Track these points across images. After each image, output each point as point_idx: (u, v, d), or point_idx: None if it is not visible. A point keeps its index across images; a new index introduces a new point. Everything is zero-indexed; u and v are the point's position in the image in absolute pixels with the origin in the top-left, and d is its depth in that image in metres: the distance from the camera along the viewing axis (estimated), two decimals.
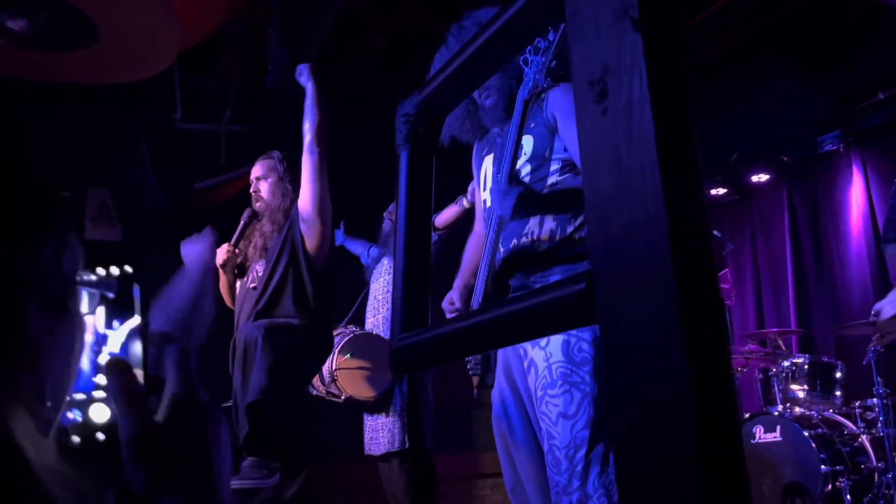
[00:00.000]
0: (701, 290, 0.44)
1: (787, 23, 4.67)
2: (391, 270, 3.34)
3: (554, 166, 1.84)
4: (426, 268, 0.72)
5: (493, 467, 5.70)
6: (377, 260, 3.51)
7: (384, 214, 3.61)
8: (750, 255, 5.97)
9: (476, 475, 5.81)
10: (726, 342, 0.44)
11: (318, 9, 3.94)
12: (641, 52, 0.47)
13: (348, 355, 3.12)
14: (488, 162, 2.01)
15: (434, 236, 3.20)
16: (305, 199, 2.51)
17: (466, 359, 2.05)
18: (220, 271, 2.68)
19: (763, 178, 5.79)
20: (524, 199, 1.76)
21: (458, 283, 2.05)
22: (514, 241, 1.83)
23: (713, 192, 6.05)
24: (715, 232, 4.77)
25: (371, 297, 3.45)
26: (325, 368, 3.09)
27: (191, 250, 2.07)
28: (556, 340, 1.66)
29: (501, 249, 1.85)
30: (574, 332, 1.66)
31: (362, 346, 3.18)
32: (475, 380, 1.91)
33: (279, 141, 2.96)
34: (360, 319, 3.56)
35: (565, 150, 1.85)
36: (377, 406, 3.18)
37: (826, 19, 4.57)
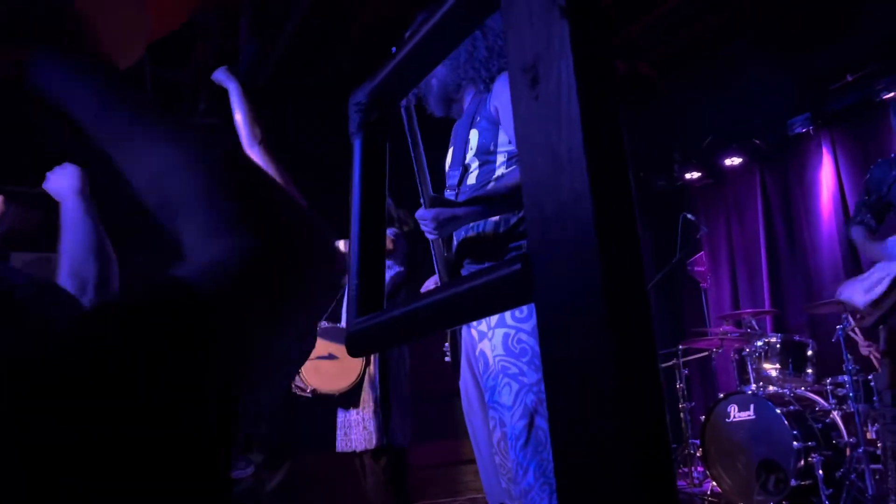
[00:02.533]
0: (626, 264, 0.46)
1: (757, 7, 4.72)
2: None
3: (500, 159, 1.86)
4: (380, 254, 0.74)
5: (474, 454, 5.75)
6: None
7: None
8: (724, 238, 6.05)
9: (459, 462, 5.87)
10: (648, 313, 0.46)
11: None
12: (568, 39, 0.48)
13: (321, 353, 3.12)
14: (449, 155, 2.05)
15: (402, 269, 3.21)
16: None
17: (444, 348, 2.08)
18: None
19: (736, 161, 5.86)
20: (452, 207, 1.78)
21: (435, 276, 2.08)
22: (463, 233, 1.86)
23: (687, 176, 6.12)
24: (689, 215, 4.84)
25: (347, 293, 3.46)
26: None
27: (57, 183, 1.64)
28: (499, 334, 1.69)
29: (455, 240, 1.88)
30: (514, 324, 1.69)
31: (330, 337, 3.18)
32: (451, 366, 1.95)
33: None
34: (336, 317, 3.57)
35: (510, 142, 1.87)
36: (347, 400, 3.18)
37: (796, 3, 4.62)
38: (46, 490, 0.37)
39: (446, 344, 2.03)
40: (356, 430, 3.12)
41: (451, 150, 2.05)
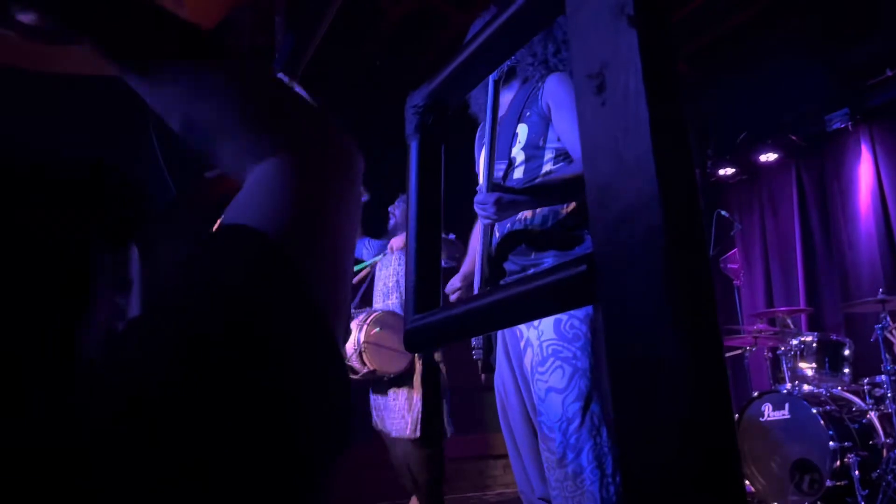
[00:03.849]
0: (693, 268, 0.47)
1: (794, 1, 4.65)
2: (400, 260, 3.37)
3: (548, 155, 1.87)
4: (437, 253, 0.76)
5: (504, 448, 5.76)
6: (381, 250, 3.55)
7: (389, 209, 3.63)
8: (759, 235, 5.97)
9: (488, 456, 5.89)
10: (714, 315, 0.47)
11: None
12: (637, 47, 0.50)
13: (377, 329, 3.16)
14: (485, 150, 2.05)
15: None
16: None
17: (473, 342, 2.09)
18: None
19: (771, 157, 5.78)
20: (512, 194, 1.80)
21: (463, 268, 2.10)
22: (509, 225, 1.87)
23: (721, 172, 6.06)
24: (723, 212, 4.79)
25: (381, 284, 3.49)
26: (349, 344, 3.12)
27: None
28: (549, 319, 1.70)
29: (497, 234, 1.89)
30: None
31: (388, 322, 3.23)
32: (480, 364, 1.96)
33: None
34: (367, 304, 3.61)
35: (558, 139, 1.88)
36: (392, 383, 3.22)
37: None
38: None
39: (474, 339, 2.05)
40: (396, 414, 3.15)
41: (484, 147, 2.06)
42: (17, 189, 0.47)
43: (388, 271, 3.45)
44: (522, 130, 1.91)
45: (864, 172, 5.23)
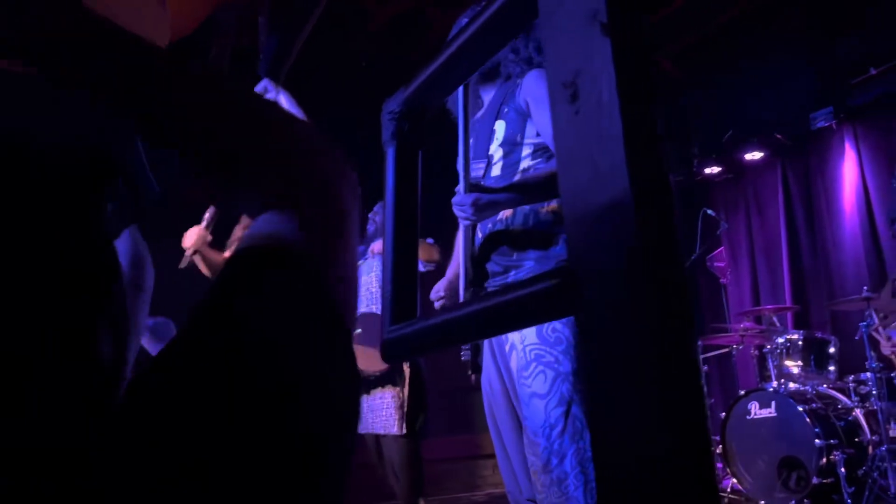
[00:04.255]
0: (669, 280, 0.47)
1: (778, 0, 4.67)
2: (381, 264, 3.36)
3: (526, 150, 1.86)
4: (414, 262, 0.75)
5: (493, 448, 5.76)
6: (361, 256, 3.53)
7: (369, 216, 3.61)
8: (745, 233, 6.00)
9: (478, 456, 5.89)
10: (691, 325, 0.46)
11: None
12: (610, 56, 0.49)
13: (358, 330, 3.16)
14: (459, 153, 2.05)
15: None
16: None
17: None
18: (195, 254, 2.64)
19: (757, 155, 5.81)
20: (490, 194, 1.79)
21: (448, 274, 2.08)
22: (490, 225, 1.86)
23: (707, 170, 6.08)
24: (709, 211, 4.81)
25: (363, 290, 3.47)
26: None
27: None
28: None
29: (479, 235, 1.88)
30: None
31: (368, 323, 3.22)
32: (469, 364, 1.95)
33: None
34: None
35: (537, 134, 1.86)
36: (377, 382, 3.22)
37: None
38: None
39: None
40: (379, 413, 3.14)
41: (461, 145, 2.04)
42: (17, 184, 0.48)
43: (370, 277, 3.44)
44: (500, 127, 1.91)
45: (849, 170, 5.26)
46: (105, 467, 0.37)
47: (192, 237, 2.64)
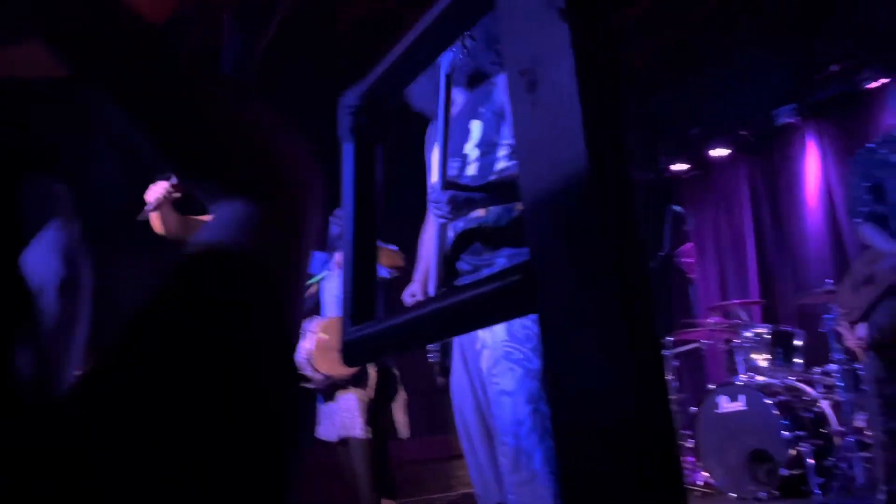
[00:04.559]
0: (631, 276, 0.45)
1: (744, 0, 4.73)
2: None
3: (502, 151, 1.85)
4: (373, 262, 0.72)
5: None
6: (324, 264, 3.47)
7: (330, 219, 3.56)
8: (712, 229, 6.07)
9: (451, 457, 5.86)
10: (653, 321, 0.45)
11: None
12: (569, 42, 0.47)
13: (323, 335, 3.12)
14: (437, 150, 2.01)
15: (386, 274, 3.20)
16: None
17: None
18: (157, 212, 2.54)
19: (723, 152, 5.88)
20: (466, 192, 1.77)
21: (418, 274, 2.05)
22: (462, 224, 1.84)
23: (674, 167, 6.13)
24: (676, 207, 4.85)
25: (329, 296, 3.41)
26: (299, 354, 3.06)
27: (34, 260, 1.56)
28: None
29: (451, 233, 1.86)
30: None
31: (334, 328, 3.18)
32: (436, 367, 1.93)
33: None
34: (316, 311, 3.55)
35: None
36: (340, 385, 3.17)
37: None
38: None
39: None
40: (343, 415, 3.09)
41: (436, 145, 2.02)
42: None
43: (334, 283, 3.38)
44: (476, 127, 1.89)
45: (812, 166, 5.35)
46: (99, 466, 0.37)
47: (156, 191, 2.53)
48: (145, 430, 0.39)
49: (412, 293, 2.03)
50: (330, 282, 3.43)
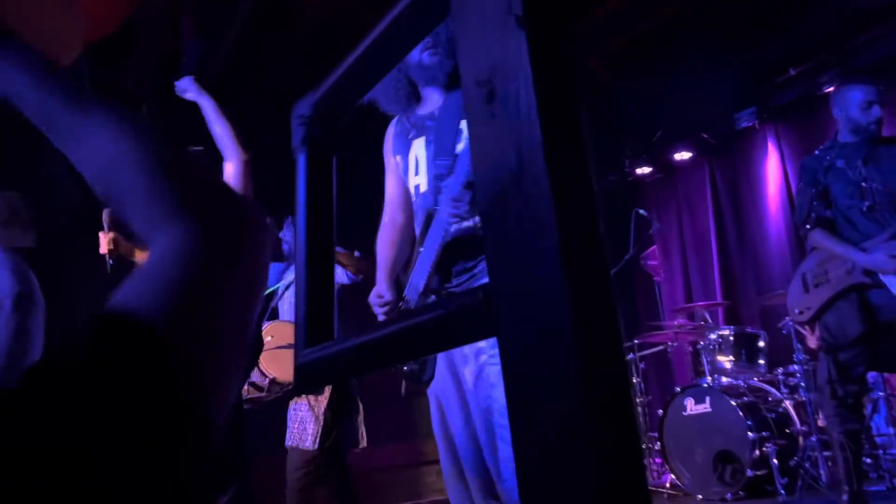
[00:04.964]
0: (594, 296, 0.42)
1: (703, 3, 4.78)
2: None
3: None
4: (330, 279, 0.69)
5: (437, 454, 5.72)
6: (279, 275, 3.40)
7: (280, 235, 3.48)
8: (676, 232, 6.13)
9: (421, 462, 5.83)
10: (620, 347, 0.42)
11: None
12: (527, 51, 0.44)
13: (270, 338, 3.05)
14: (419, 146, 1.96)
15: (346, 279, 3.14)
16: (227, 178, 2.38)
17: None
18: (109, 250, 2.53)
19: (685, 155, 5.95)
20: (470, 190, 1.74)
21: (382, 275, 1.99)
22: (456, 226, 1.80)
23: (639, 171, 6.19)
24: (641, 211, 4.88)
25: (286, 305, 3.34)
26: None
27: None
28: None
29: (441, 237, 1.81)
30: None
31: (281, 331, 3.11)
32: (403, 384, 1.89)
33: (202, 135, 2.83)
34: (274, 316, 3.48)
35: None
36: (293, 393, 3.10)
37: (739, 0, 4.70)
38: None
39: None
40: (298, 425, 3.02)
41: (419, 140, 1.98)
42: None
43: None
44: (466, 126, 1.86)
45: (772, 169, 5.43)
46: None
47: (103, 244, 2.52)
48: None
49: (379, 294, 1.96)
50: (289, 290, 3.36)
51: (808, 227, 2.98)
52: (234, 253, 0.53)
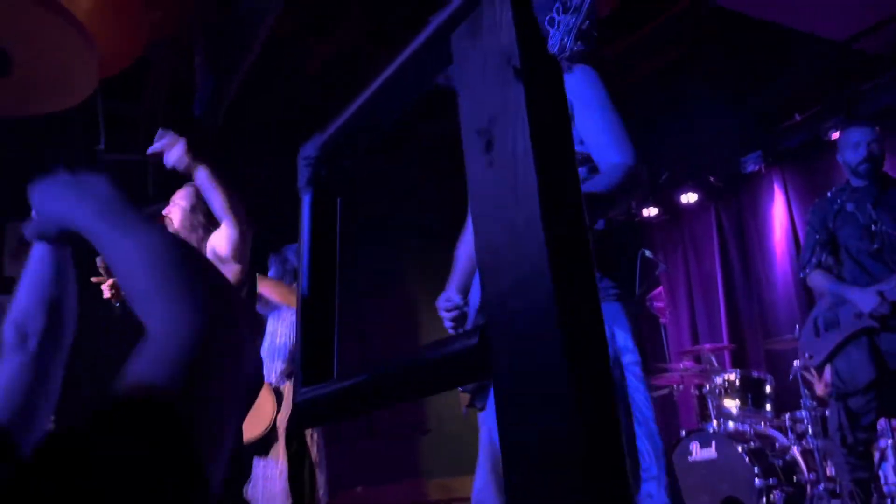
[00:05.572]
0: (586, 342, 0.43)
1: (709, 48, 4.85)
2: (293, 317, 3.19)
3: None
4: (331, 319, 0.70)
5: (438, 494, 5.64)
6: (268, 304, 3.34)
7: (270, 257, 3.44)
8: (683, 273, 6.12)
9: (423, 502, 5.74)
10: (611, 395, 0.43)
11: (245, 33, 3.89)
12: (524, 102, 0.46)
13: None
14: None
15: None
16: (221, 239, 2.32)
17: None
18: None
19: (692, 197, 5.96)
20: None
21: (454, 281, 1.92)
22: None
23: (645, 212, 6.20)
24: (647, 252, 4.88)
25: (267, 342, 3.26)
26: None
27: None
28: None
29: None
30: None
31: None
32: (464, 397, 1.82)
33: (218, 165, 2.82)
34: None
35: (581, 142, 1.68)
36: (259, 449, 3.01)
37: (745, 45, 4.77)
38: None
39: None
40: (270, 483, 2.94)
41: None
42: None
43: (282, 325, 3.26)
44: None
45: (778, 212, 5.44)
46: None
47: (106, 290, 2.49)
48: None
49: (448, 298, 1.89)
50: (276, 321, 3.28)
51: (807, 270, 2.99)
52: (219, 331, 0.57)
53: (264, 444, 3.01)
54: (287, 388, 3.13)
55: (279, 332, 3.26)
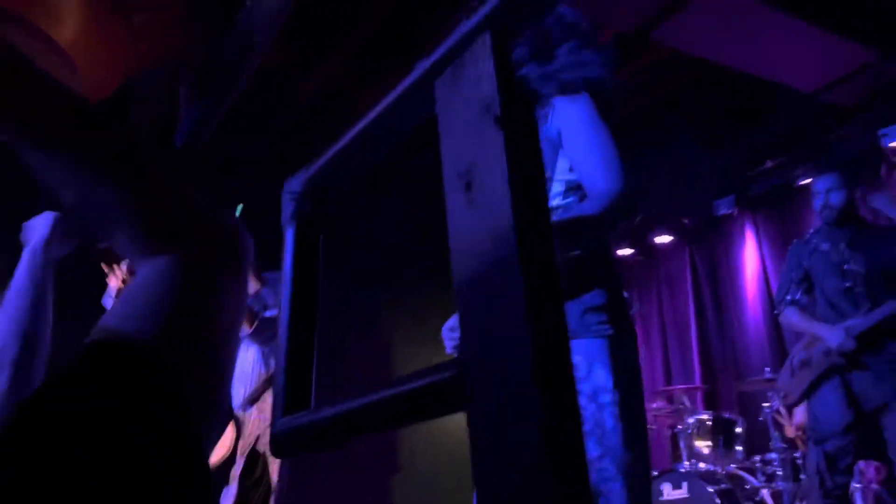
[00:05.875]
0: (559, 384, 0.45)
1: (684, 93, 4.99)
2: (259, 348, 3.20)
3: (557, 188, 1.71)
4: (310, 350, 0.71)
5: None
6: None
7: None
8: (657, 314, 6.18)
9: None
10: (578, 430, 0.45)
11: (232, 65, 3.93)
12: (503, 148, 0.49)
13: None
14: None
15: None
16: None
17: None
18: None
19: (666, 239, 6.06)
20: None
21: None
22: None
23: (620, 252, 6.29)
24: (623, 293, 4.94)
25: (237, 369, 3.24)
26: None
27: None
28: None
29: None
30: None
31: None
32: None
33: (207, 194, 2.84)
34: None
35: (570, 169, 1.70)
36: (219, 474, 2.98)
37: (719, 92, 4.91)
38: None
39: None
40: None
41: None
42: None
43: (249, 354, 3.25)
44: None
45: (750, 256, 5.55)
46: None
47: (118, 277, 2.53)
48: None
49: (451, 327, 1.87)
50: (246, 349, 3.27)
51: (781, 308, 3.06)
52: (210, 273, 0.56)
53: (223, 471, 2.97)
54: (247, 416, 3.12)
55: (248, 360, 3.25)
